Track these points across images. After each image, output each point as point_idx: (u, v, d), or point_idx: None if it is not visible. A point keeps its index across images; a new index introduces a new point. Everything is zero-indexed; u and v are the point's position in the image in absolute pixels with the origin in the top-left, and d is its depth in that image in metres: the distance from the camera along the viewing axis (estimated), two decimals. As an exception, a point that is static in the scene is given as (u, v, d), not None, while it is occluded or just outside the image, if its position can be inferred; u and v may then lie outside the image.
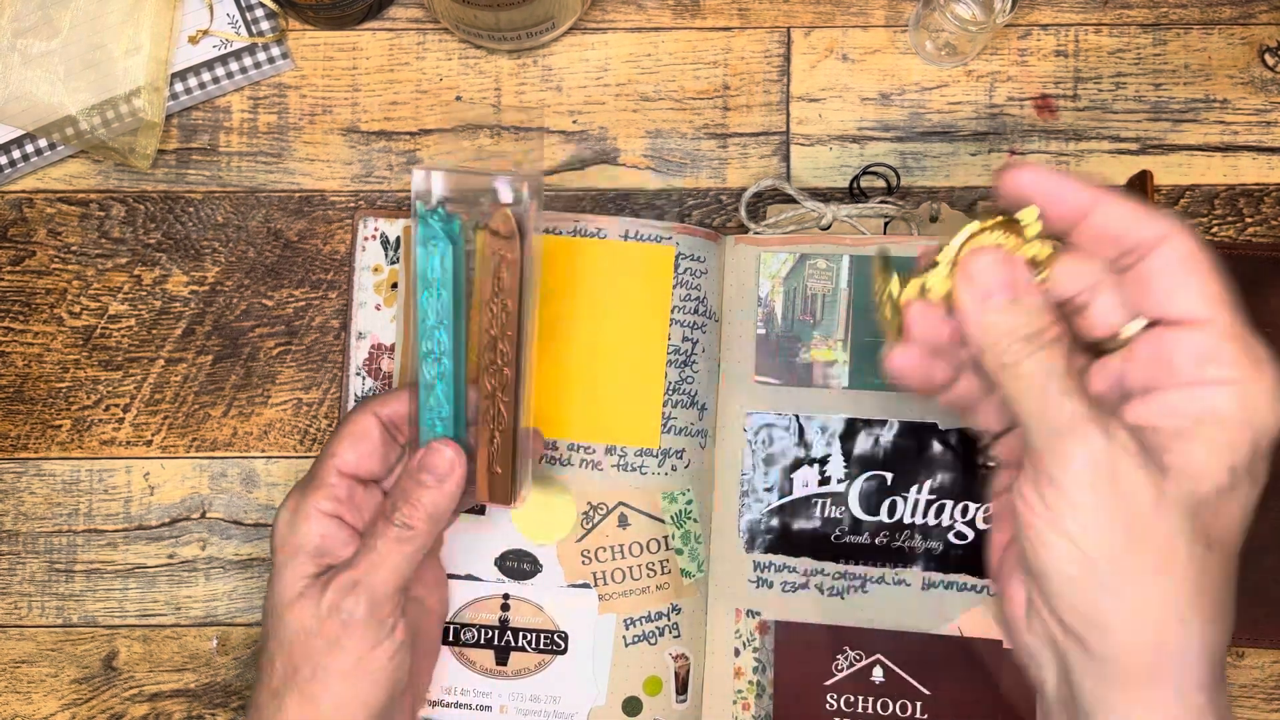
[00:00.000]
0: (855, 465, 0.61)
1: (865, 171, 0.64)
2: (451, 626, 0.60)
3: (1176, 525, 0.38)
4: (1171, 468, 0.38)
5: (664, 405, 0.60)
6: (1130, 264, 0.40)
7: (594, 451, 0.60)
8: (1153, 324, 0.40)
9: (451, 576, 0.60)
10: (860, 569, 0.61)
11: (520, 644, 0.60)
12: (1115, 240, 0.40)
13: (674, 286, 0.61)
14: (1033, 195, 0.41)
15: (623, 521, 0.60)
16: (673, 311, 0.61)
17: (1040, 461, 0.39)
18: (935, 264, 0.42)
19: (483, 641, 0.60)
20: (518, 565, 0.60)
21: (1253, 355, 0.38)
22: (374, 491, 0.54)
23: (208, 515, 0.63)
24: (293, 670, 0.50)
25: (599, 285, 0.61)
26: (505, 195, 0.49)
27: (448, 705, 0.60)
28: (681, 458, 0.60)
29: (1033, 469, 0.39)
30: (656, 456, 0.60)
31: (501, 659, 0.60)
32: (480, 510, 0.60)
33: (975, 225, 0.42)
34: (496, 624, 0.60)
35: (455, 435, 0.52)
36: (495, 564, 0.60)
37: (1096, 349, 0.42)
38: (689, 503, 0.61)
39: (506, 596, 0.60)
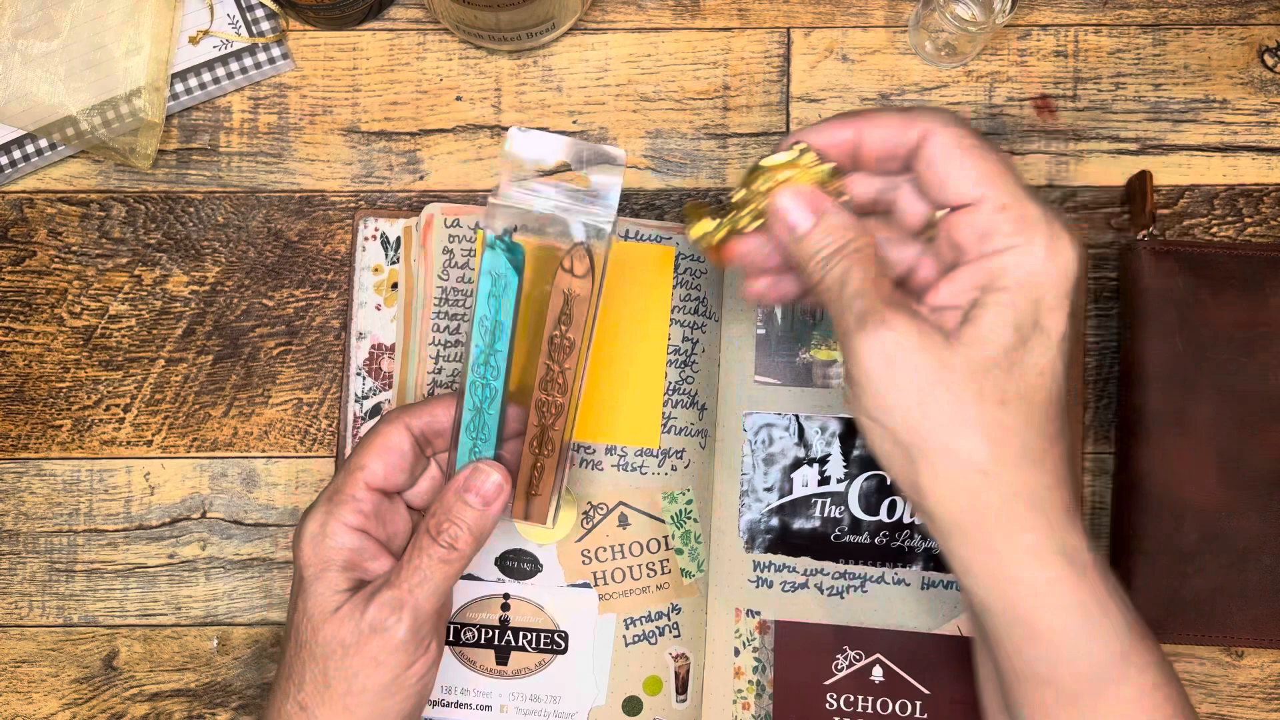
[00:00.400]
0: (855, 465, 0.61)
1: (865, 172, 0.64)
2: (452, 626, 0.60)
3: (962, 390, 0.42)
4: (961, 338, 0.43)
5: (664, 405, 0.60)
6: (912, 166, 0.45)
7: (594, 451, 0.60)
8: (954, 210, 0.45)
9: None
10: (860, 568, 0.61)
11: (520, 644, 0.60)
12: (892, 153, 0.46)
13: (674, 286, 0.61)
14: (817, 149, 0.46)
15: (623, 521, 0.60)
16: (673, 311, 0.61)
17: (847, 358, 0.44)
18: (735, 205, 0.48)
19: (483, 641, 0.60)
20: (518, 565, 0.61)
21: (1023, 220, 0.42)
22: (397, 504, 0.53)
23: (208, 515, 0.63)
24: (325, 684, 0.49)
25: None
26: (579, 233, 0.50)
27: (448, 705, 0.60)
28: (681, 458, 0.60)
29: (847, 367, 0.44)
30: (656, 456, 0.60)
31: (502, 659, 0.60)
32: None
33: (766, 161, 0.47)
34: (497, 624, 0.60)
35: (495, 455, 0.52)
36: (495, 563, 0.60)
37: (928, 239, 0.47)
38: (689, 503, 0.61)
39: (507, 596, 0.60)
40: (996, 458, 0.42)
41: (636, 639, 0.60)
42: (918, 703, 0.60)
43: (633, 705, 0.60)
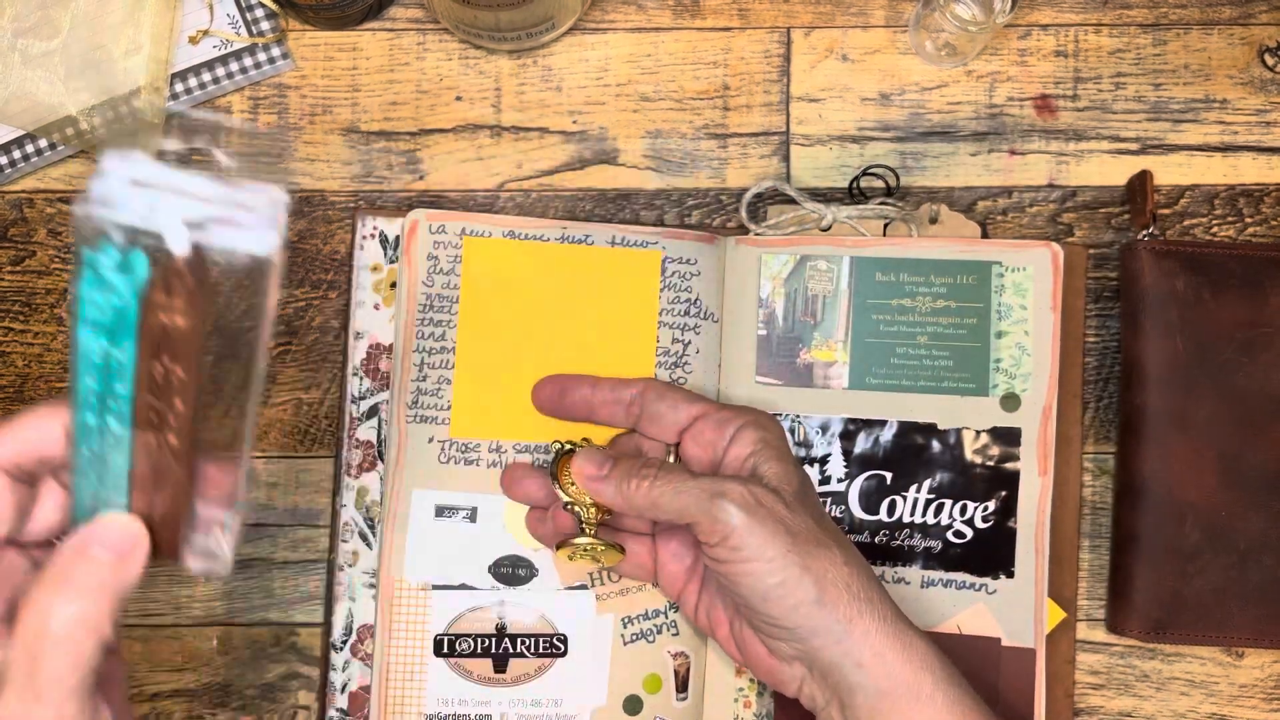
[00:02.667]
0: (855, 464, 0.61)
1: (865, 172, 0.64)
2: (446, 638, 0.60)
3: (799, 513, 0.52)
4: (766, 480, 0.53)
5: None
6: (639, 421, 0.58)
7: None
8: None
9: (445, 587, 0.60)
10: (860, 569, 0.61)
11: (519, 650, 0.60)
12: (614, 412, 0.58)
13: (661, 290, 0.61)
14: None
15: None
16: (660, 314, 0.61)
17: (708, 532, 0.51)
18: (582, 521, 0.57)
19: (479, 651, 0.60)
20: (512, 571, 0.60)
21: (739, 412, 0.55)
22: (5, 553, 0.42)
23: (208, 515, 0.63)
24: None
25: (586, 291, 0.61)
26: (177, 243, 0.38)
27: (445, 717, 0.60)
28: (681, 457, 0.60)
29: (711, 538, 0.51)
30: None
31: (500, 666, 0.60)
32: (471, 519, 0.60)
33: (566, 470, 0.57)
34: (494, 632, 0.60)
35: (127, 505, 0.42)
36: (489, 571, 0.60)
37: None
38: (689, 502, 0.61)
39: (502, 603, 0.60)
40: (846, 558, 0.51)
41: (635, 638, 0.60)
42: (918, 703, 0.60)
43: (633, 704, 0.60)
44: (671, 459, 0.57)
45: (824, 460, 0.61)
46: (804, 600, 0.50)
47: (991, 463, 0.60)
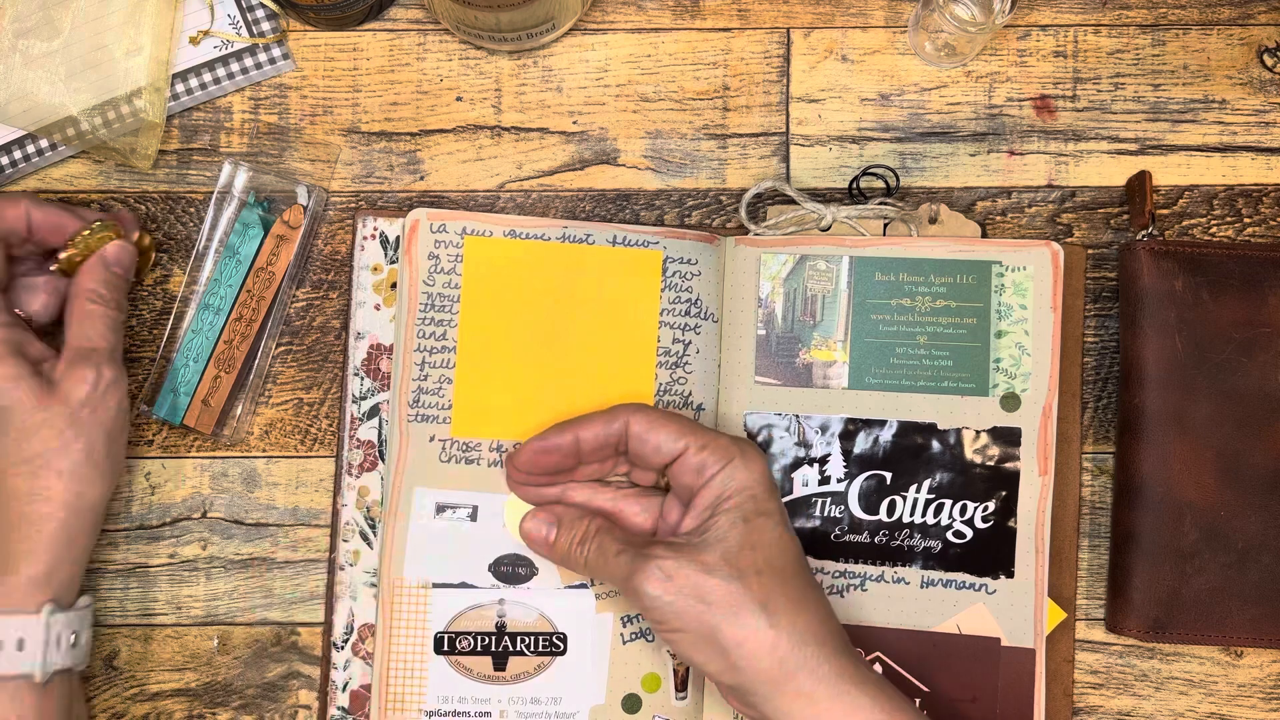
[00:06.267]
0: (855, 464, 0.61)
1: (865, 172, 0.64)
2: (446, 636, 0.60)
3: (725, 578, 0.52)
4: (704, 544, 0.54)
5: (656, 406, 0.60)
6: (626, 446, 0.57)
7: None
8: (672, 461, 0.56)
9: (445, 585, 0.60)
10: (860, 567, 0.61)
11: (519, 648, 0.60)
12: (605, 443, 0.57)
13: (662, 290, 0.61)
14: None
15: (622, 521, 0.60)
16: (661, 314, 0.61)
17: (631, 605, 0.56)
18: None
19: (479, 649, 0.60)
20: (512, 570, 0.61)
21: (720, 450, 0.55)
22: None
23: (209, 515, 0.63)
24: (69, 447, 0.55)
25: (587, 290, 0.61)
26: (303, 198, 0.63)
27: (445, 714, 0.60)
28: (681, 457, 0.61)
29: (634, 610, 0.57)
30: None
31: (500, 664, 0.60)
32: (472, 517, 0.60)
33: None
34: (493, 630, 0.60)
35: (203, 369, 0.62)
36: (490, 570, 0.60)
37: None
38: (689, 502, 0.61)
39: (502, 602, 0.60)
40: (773, 622, 0.52)
41: (634, 636, 0.60)
42: (917, 700, 0.60)
43: (632, 703, 0.60)
44: (663, 482, 0.58)
45: (824, 460, 0.61)
46: (722, 668, 0.52)
47: (991, 463, 0.61)
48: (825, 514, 0.61)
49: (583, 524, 0.57)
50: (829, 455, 0.61)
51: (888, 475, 0.61)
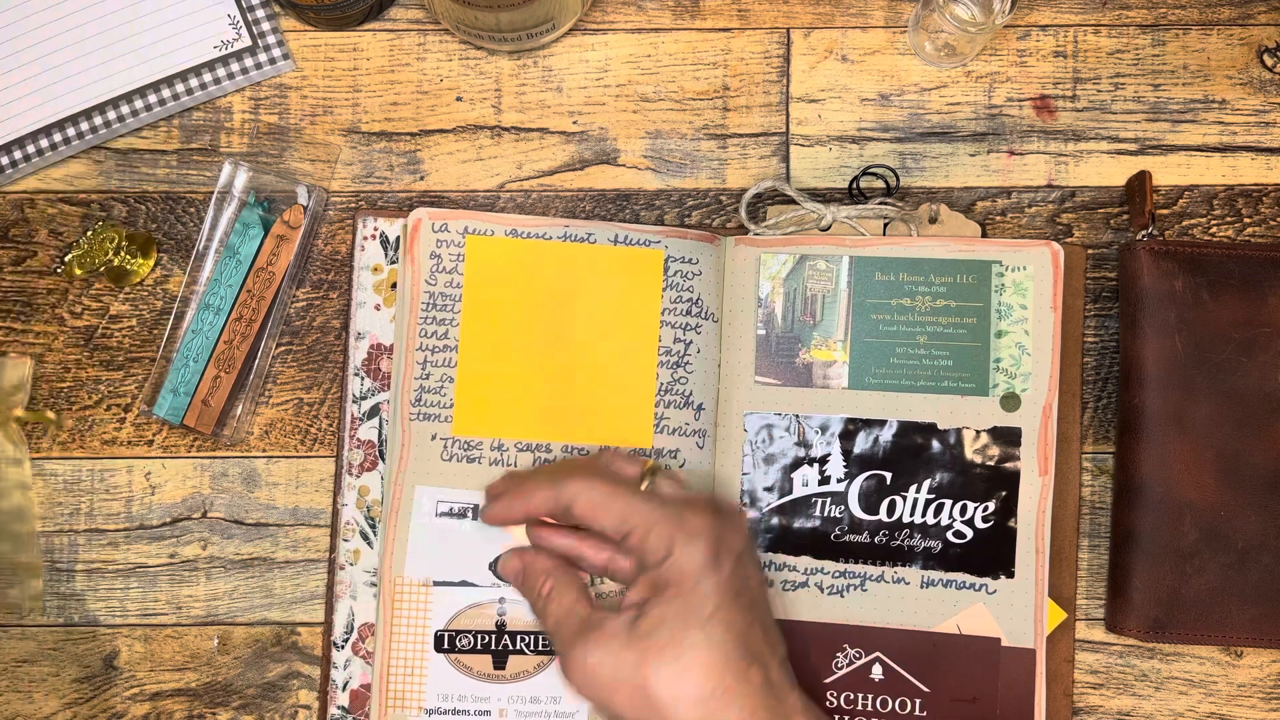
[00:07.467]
0: (855, 464, 0.61)
1: (865, 172, 0.64)
2: (446, 634, 0.60)
3: (661, 656, 0.53)
4: (638, 629, 0.53)
5: (656, 405, 0.60)
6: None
7: (587, 453, 0.60)
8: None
9: (445, 584, 0.60)
10: (860, 567, 0.61)
11: (519, 647, 0.60)
12: (553, 515, 0.56)
13: (664, 289, 0.61)
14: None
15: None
16: (663, 314, 0.61)
17: (566, 670, 0.55)
18: None
19: (479, 647, 0.60)
20: (514, 567, 0.61)
21: (662, 540, 0.54)
22: None
23: (209, 515, 0.63)
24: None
25: (589, 289, 0.61)
26: (303, 198, 0.63)
27: (444, 713, 0.60)
28: (676, 457, 0.61)
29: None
30: (650, 456, 0.60)
31: (499, 663, 0.60)
32: (473, 516, 0.60)
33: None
34: (494, 629, 0.60)
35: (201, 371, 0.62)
36: (490, 568, 0.60)
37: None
38: (689, 502, 0.61)
39: (503, 600, 0.60)
40: (703, 676, 0.52)
41: (636, 637, 0.60)
42: (917, 700, 0.60)
43: (633, 704, 0.60)
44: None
45: (823, 460, 0.61)
46: (646, 717, 0.53)
47: (991, 463, 0.61)
48: (825, 514, 0.61)
49: (547, 579, 0.57)
50: (829, 455, 0.61)
51: (888, 475, 0.61)
